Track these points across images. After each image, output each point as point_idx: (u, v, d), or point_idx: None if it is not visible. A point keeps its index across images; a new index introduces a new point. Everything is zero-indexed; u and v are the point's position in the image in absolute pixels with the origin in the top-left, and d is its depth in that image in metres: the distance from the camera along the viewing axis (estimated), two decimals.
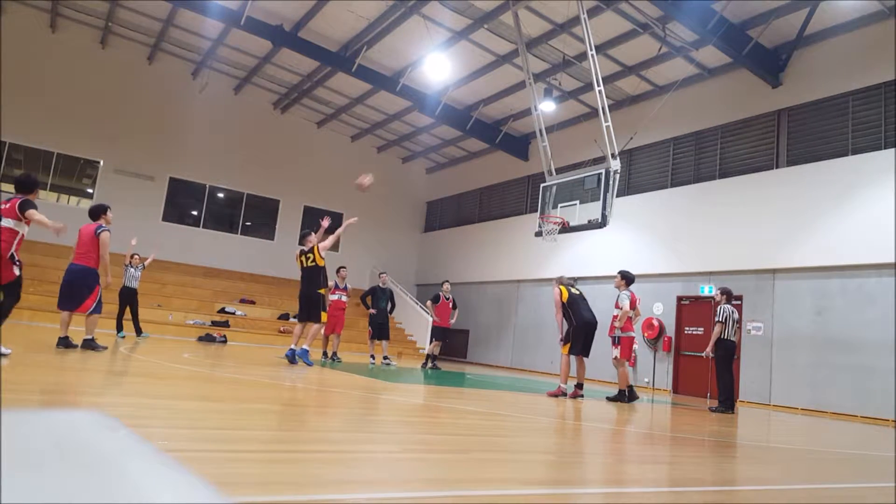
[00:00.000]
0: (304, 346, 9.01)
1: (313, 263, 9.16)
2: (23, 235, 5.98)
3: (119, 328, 11.68)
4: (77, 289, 7.21)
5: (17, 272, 5.88)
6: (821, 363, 11.21)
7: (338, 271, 11.93)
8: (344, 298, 11.82)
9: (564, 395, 8.34)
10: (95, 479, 0.83)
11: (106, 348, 7.54)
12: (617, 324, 8.76)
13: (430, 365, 12.65)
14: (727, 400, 8.84)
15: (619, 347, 8.72)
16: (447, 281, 13.42)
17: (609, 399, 8.72)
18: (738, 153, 13.62)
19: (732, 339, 8.92)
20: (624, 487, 2.85)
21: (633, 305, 8.82)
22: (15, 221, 5.87)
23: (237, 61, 18.20)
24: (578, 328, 8.54)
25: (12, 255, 5.85)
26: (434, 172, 24.13)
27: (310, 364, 8.93)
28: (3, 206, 5.91)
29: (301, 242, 9.51)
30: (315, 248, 9.16)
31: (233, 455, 2.53)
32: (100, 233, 7.30)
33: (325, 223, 9.27)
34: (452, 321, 13.01)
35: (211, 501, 0.89)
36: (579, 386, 8.51)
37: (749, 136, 13.49)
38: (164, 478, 0.95)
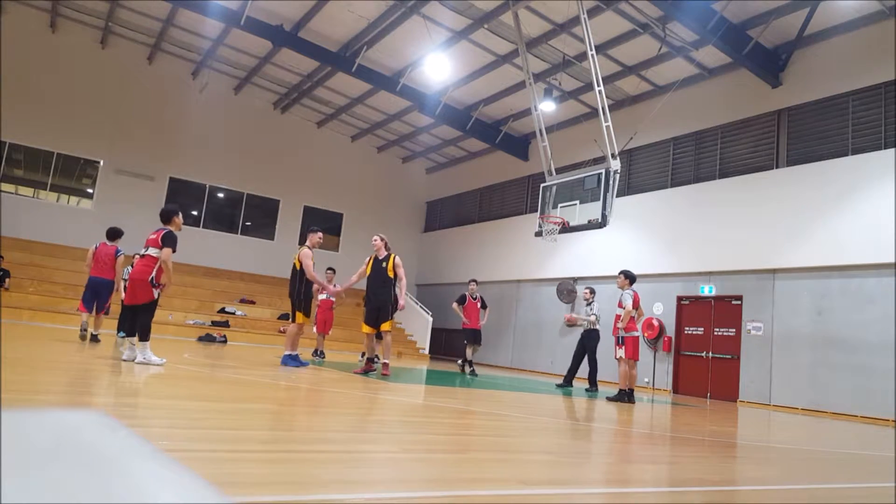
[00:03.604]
0: (287, 351, 8.75)
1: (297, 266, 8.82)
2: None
3: (119, 328, 11.69)
4: (101, 297, 9.25)
5: (155, 294, 6.60)
6: (821, 363, 11.21)
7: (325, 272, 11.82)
8: (332, 298, 11.75)
9: (374, 371, 8.44)
10: (95, 479, 0.83)
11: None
12: (620, 324, 8.73)
13: (468, 370, 11.94)
14: (569, 378, 10.75)
15: (622, 347, 8.71)
16: (474, 280, 12.71)
17: (609, 399, 8.72)
18: (738, 153, 13.61)
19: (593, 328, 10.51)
20: (624, 487, 2.85)
21: (636, 304, 8.79)
22: (157, 250, 6.55)
23: (237, 61, 18.20)
24: None
25: (152, 279, 6.50)
26: (434, 172, 24.12)
27: (296, 365, 8.51)
28: (151, 237, 6.66)
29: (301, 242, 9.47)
30: (299, 254, 8.74)
31: (233, 455, 2.53)
32: (119, 255, 9.36)
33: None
34: (483, 321, 12.28)
35: (211, 501, 0.89)
36: (371, 360, 8.63)
37: (749, 136, 13.48)
38: (164, 478, 0.94)
